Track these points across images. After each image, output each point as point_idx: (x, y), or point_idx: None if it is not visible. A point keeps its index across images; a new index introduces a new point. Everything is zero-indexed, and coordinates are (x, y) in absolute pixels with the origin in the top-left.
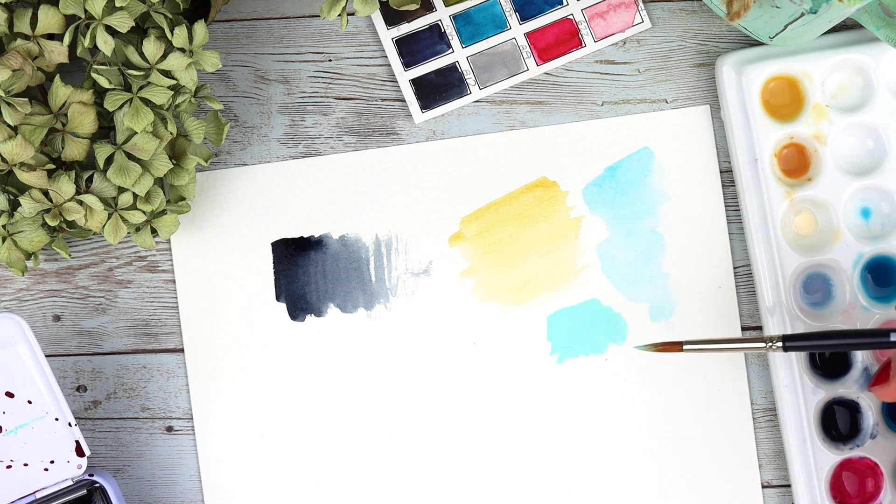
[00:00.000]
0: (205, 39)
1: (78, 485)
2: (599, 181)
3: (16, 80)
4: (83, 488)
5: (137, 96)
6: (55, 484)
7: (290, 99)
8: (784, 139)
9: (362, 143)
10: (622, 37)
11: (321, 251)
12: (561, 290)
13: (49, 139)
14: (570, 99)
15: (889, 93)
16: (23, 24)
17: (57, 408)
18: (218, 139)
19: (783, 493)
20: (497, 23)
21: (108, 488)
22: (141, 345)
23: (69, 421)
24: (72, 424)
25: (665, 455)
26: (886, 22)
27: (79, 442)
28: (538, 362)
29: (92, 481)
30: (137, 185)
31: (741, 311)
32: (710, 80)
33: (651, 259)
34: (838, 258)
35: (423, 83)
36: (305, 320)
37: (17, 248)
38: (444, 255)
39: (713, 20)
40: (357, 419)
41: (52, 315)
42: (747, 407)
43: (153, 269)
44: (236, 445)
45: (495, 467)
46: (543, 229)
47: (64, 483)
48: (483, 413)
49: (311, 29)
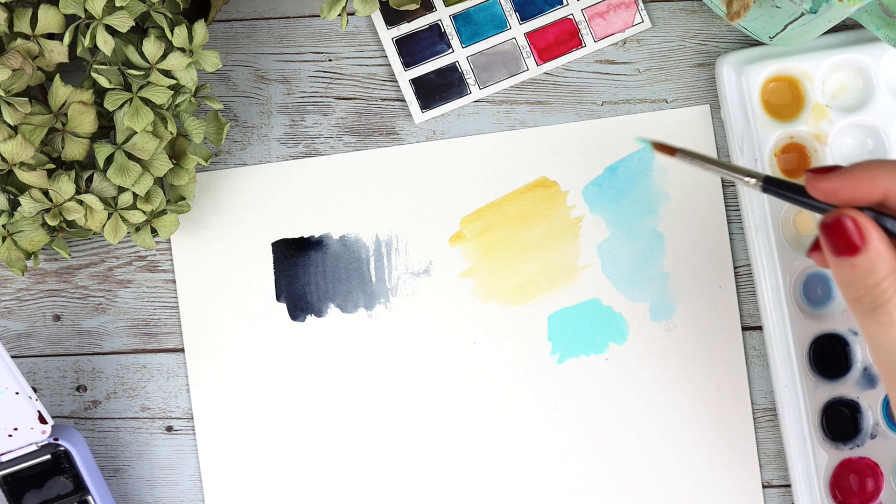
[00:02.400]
0: (205, 39)
1: (43, 448)
2: (599, 181)
3: (16, 79)
4: (48, 452)
5: (137, 96)
6: (20, 448)
7: (290, 99)
8: (784, 139)
9: (362, 143)
10: (622, 37)
11: (321, 251)
12: (561, 289)
13: (49, 139)
14: (570, 99)
15: (889, 93)
16: (23, 23)
17: (16, 384)
18: (218, 139)
19: (783, 493)
20: (497, 23)
21: (72, 451)
22: (141, 345)
23: (29, 395)
24: (32, 398)
25: (665, 455)
26: (886, 22)
27: (41, 412)
28: (538, 362)
29: (57, 445)
30: (137, 185)
31: (741, 311)
32: (710, 80)
33: (651, 259)
34: None
35: (423, 83)
36: (306, 320)
37: (17, 247)
38: (444, 255)
39: (713, 20)
40: (357, 419)
41: (52, 315)
42: (747, 407)
43: (153, 269)
44: (236, 445)
45: (496, 467)
46: (544, 229)
47: (28, 448)
48: (483, 413)
49: (311, 29)
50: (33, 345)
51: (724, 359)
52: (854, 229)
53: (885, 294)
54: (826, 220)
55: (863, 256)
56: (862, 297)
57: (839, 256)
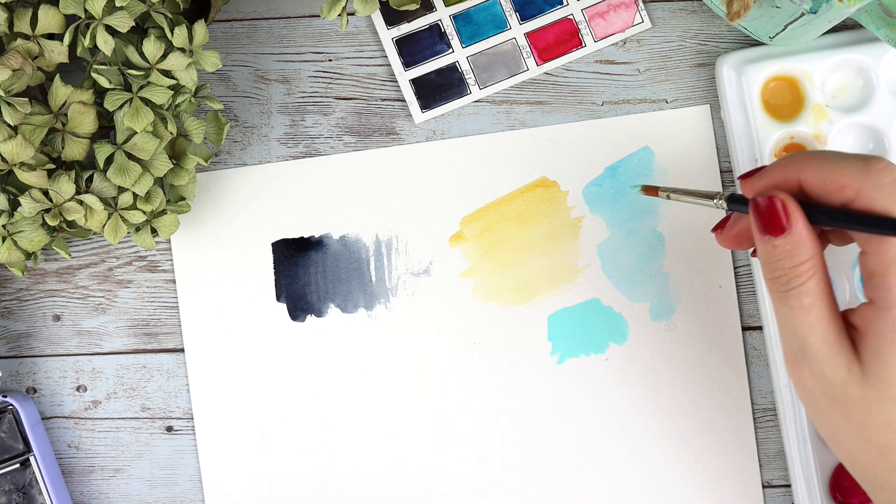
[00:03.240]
0: (205, 39)
1: None
2: (600, 181)
3: (16, 80)
4: None
5: (137, 96)
6: None
7: (290, 99)
8: (784, 139)
9: (362, 143)
10: (622, 37)
11: (321, 251)
12: (561, 289)
13: (49, 139)
14: (570, 99)
15: (889, 93)
16: (23, 23)
17: None
18: (218, 139)
19: (783, 493)
20: (497, 23)
21: (19, 409)
22: (141, 345)
23: None
24: None
25: (665, 455)
26: (886, 22)
27: None
28: (539, 362)
29: (6, 402)
30: (137, 185)
31: (741, 311)
32: (710, 80)
33: (651, 259)
34: (838, 258)
35: (423, 83)
36: (306, 320)
37: (17, 248)
38: (444, 255)
39: (713, 20)
40: (357, 419)
41: (52, 315)
42: (747, 407)
43: (153, 269)
44: (236, 445)
45: (496, 467)
46: (544, 229)
47: None
48: (483, 413)
49: (311, 29)
50: (33, 345)
51: (724, 359)
52: (782, 211)
53: (799, 279)
54: (759, 199)
55: (785, 238)
56: (777, 277)
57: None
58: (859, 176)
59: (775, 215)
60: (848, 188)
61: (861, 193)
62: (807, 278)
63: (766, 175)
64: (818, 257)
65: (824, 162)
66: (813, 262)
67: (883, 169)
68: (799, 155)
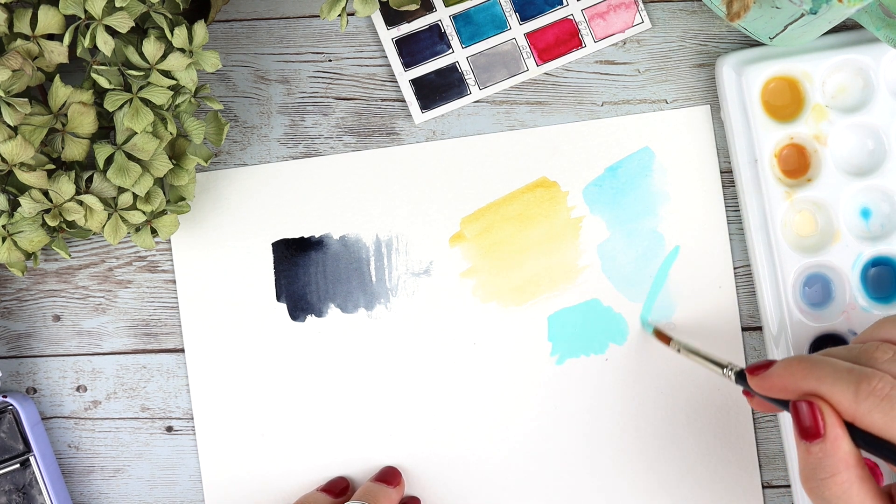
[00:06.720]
0: (205, 39)
1: None
2: (600, 181)
3: (16, 80)
4: None
5: (137, 96)
6: None
7: (290, 99)
8: (784, 139)
9: (362, 143)
10: (622, 37)
11: (321, 251)
12: (561, 290)
13: (49, 139)
14: (570, 99)
15: (889, 93)
16: (23, 24)
17: None
18: (218, 139)
19: (783, 493)
20: (497, 23)
21: (19, 409)
22: (141, 345)
23: None
24: None
25: (665, 455)
26: (886, 22)
27: None
28: (538, 362)
29: (6, 402)
30: (137, 186)
31: (741, 311)
32: (710, 80)
33: (651, 259)
34: (838, 258)
35: (423, 83)
36: (306, 321)
37: (17, 248)
38: (444, 255)
39: (713, 20)
40: (357, 419)
41: (52, 315)
42: (747, 407)
43: (153, 269)
44: (236, 445)
45: (496, 467)
46: (544, 229)
47: None
48: (483, 413)
49: (311, 29)
50: (33, 345)
51: (724, 359)
52: (821, 420)
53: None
54: (799, 402)
55: (818, 445)
56: (810, 477)
57: (802, 439)
58: (851, 405)
59: (815, 424)
60: (844, 414)
61: (856, 420)
62: (841, 492)
63: (772, 376)
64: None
65: (821, 383)
66: (847, 476)
67: (872, 391)
68: (801, 365)
